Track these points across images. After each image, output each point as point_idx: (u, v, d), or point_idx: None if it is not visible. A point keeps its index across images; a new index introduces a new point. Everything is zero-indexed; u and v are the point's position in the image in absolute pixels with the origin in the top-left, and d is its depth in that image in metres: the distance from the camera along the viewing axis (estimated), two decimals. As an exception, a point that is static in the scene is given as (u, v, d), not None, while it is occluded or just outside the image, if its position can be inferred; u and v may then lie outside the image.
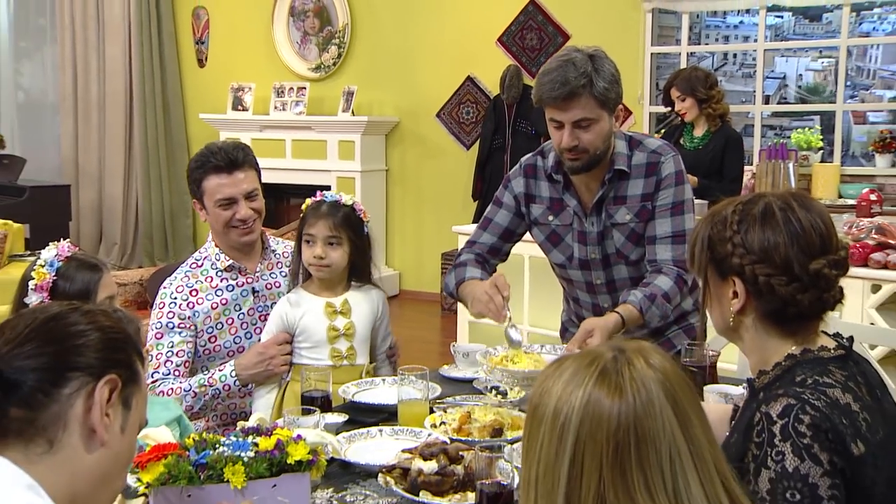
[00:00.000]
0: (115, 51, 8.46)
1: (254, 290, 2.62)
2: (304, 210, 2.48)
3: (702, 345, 2.31)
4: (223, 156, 2.52)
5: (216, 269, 2.59)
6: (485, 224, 2.64)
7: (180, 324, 2.50)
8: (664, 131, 4.97)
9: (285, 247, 2.72)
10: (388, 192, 7.67)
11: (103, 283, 2.07)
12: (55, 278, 2.04)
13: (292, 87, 7.74)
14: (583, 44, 2.43)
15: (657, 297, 2.34)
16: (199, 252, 2.65)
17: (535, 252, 3.01)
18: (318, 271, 2.44)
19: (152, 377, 2.43)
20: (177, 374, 2.47)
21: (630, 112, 6.43)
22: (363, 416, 2.16)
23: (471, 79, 7.20)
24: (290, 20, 7.96)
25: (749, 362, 1.58)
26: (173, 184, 8.49)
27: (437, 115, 7.36)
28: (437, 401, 2.24)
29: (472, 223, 4.13)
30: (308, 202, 2.50)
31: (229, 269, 2.59)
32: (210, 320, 2.54)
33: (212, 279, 2.58)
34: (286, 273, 2.64)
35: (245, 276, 2.62)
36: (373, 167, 7.51)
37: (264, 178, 2.64)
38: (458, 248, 3.52)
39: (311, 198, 2.51)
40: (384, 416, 2.17)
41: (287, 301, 2.47)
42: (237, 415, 2.55)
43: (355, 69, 7.65)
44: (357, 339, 2.47)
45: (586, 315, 2.58)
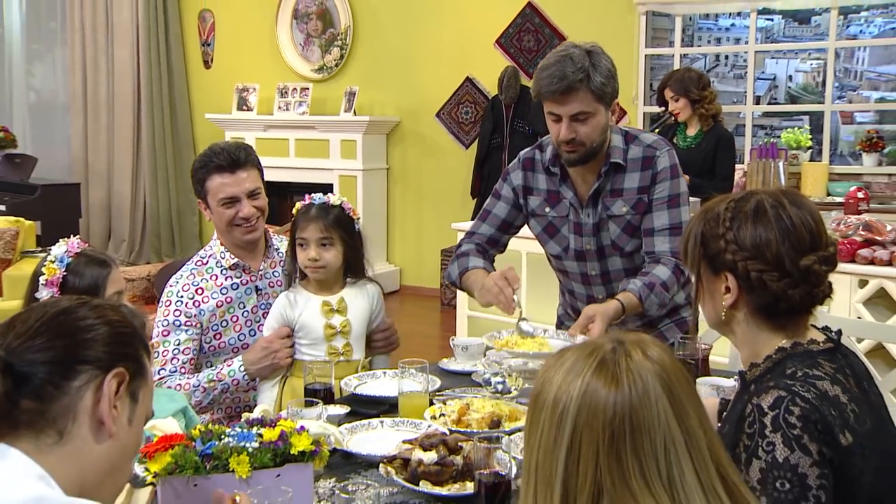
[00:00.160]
0: (124, 53, 8.45)
1: (257, 288, 2.61)
2: (295, 213, 2.47)
3: (694, 338, 2.31)
4: (226, 156, 2.51)
5: (221, 267, 2.58)
6: (484, 216, 2.65)
7: (186, 321, 2.49)
8: (658, 131, 4.96)
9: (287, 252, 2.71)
10: (389, 190, 7.67)
11: (112, 278, 2.07)
12: (65, 274, 2.04)
13: (296, 88, 7.73)
14: (579, 45, 2.42)
15: (656, 286, 2.35)
16: (204, 250, 2.64)
17: (532, 248, 3.02)
18: (314, 273, 2.43)
19: (159, 374, 2.43)
20: (183, 371, 2.47)
21: (625, 112, 6.42)
22: (365, 407, 2.16)
23: (469, 79, 7.19)
24: (293, 23, 7.95)
25: (741, 355, 1.59)
26: (180, 182, 8.48)
27: (437, 114, 7.36)
28: (437, 393, 2.24)
29: (471, 220, 4.13)
30: (298, 206, 2.48)
31: (234, 268, 2.58)
32: (215, 318, 2.54)
33: (216, 277, 2.57)
34: None
35: (249, 274, 2.61)
36: (374, 166, 7.51)
37: (268, 177, 2.63)
38: (456, 245, 3.50)
39: (300, 201, 2.49)
40: (385, 407, 2.17)
41: (286, 298, 2.47)
42: (241, 408, 2.55)
43: (357, 70, 7.64)
44: (353, 335, 2.46)
45: (581, 307, 2.57)
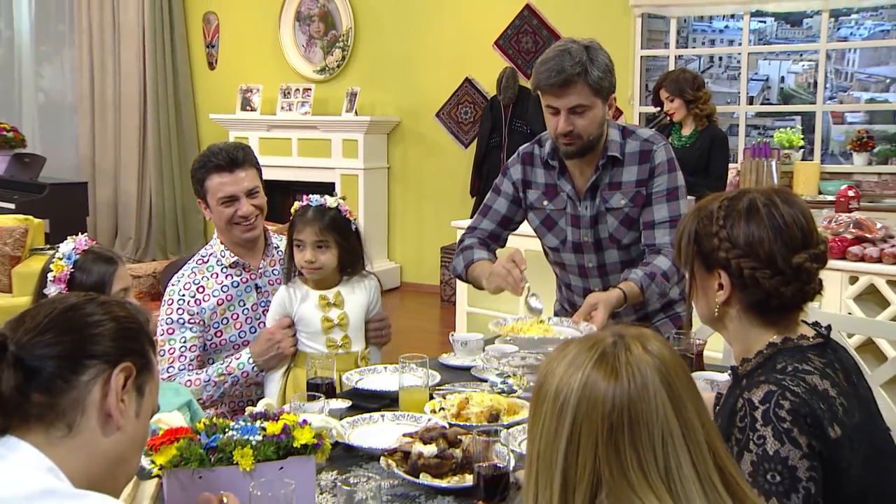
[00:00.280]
0: (130, 54, 8.45)
1: (257, 286, 2.61)
2: (293, 214, 2.47)
3: (688, 333, 2.31)
4: (224, 156, 2.51)
5: (221, 265, 2.57)
6: (485, 211, 2.66)
7: (190, 319, 2.49)
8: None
9: (286, 250, 2.70)
10: (389, 189, 7.66)
11: (118, 275, 2.07)
12: (72, 270, 2.04)
13: (298, 89, 7.72)
14: (576, 47, 2.42)
15: (657, 276, 2.36)
16: (204, 249, 2.63)
17: (530, 245, 3.01)
18: (310, 273, 2.43)
19: (168, 372, 2.43)
20: (191, 368, 2.47)
21: (621, 112, 6.40)
22: (366, 402, 2.17)
23: (469, 80, 7.18)
24: (296, 24, 7.94)
25: (733, 351, 1.58)
26: (185, 181, 8.45)
27: (437, 115, 7.35)
28: (437, 387, 2.24)
29: (470, 218, 4.11)
30: (295, 206, 2.48)
31: (234, 266, 2.58)
32: (216, 316, 2.53)
33: (217, 276, 2.56)
34: None
35: (249, 272, 2.60)
36: (375, 165, 7.50)
37: (271, 176, 2.63)
38: (456, 242, 3.50)
39: (297, 202, 2.48)
40: (386, 402, 2.17)
41: (285, 291, 2.47)
42: (245, 402, 2.55)
43: (358, 71, 7.64)
44: (351, 328, 2.46)
45: (578, 301, 2.58)
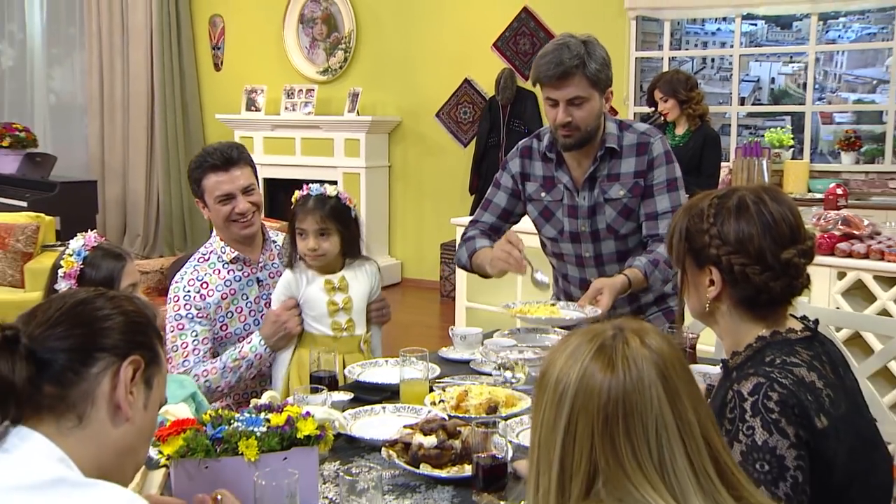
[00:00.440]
0: (138, 56, 8.44)
1: (258, 279, 2.61)
2: (294, 204, 2.48)
3: (681, 327, 2.32)
4: (219, 155, 2.51)
5: (222, 261, 2.57)
6: (486, 205, 2.67)
7: (198, 314, 2.49)
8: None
9: (285, 238, 2.71)
10: (390, 187, 7.66)
11: (127, 271, 2.07)
12: (82, 266, 2.03)
13: (301, 89, 7.71)
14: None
15: (660, 263, 2.36)
16: (204, 247, 2.63)
17: (528, 242, 3.01)
18: (314, 261, 2.45)
19: (183, 366, 2.42)
20: (206, 359, 2.47)
21: (616, 112, 6.41)
22: (368, 394, 2.17)
23: (468, 81, 7.18)
24: (299, 27, 7.93)
25: (723, 345, 1.59)
26: (191, 179, 8.46)
27: (437, 114, 7.35)
28: (437, 380, 2.24)
29: (469, 216, 4.13)
30: (296, 195, 2.49)
31: (234, 261, 2.58)
32: (221, 310, 2.53)
33: (219, 271, 2.56)
34: None
35: (249, 266, 2.60)
36: (376, 164, 7.50)
37: (275, 175, 2.64)
38: (456, 239, 3.50)
39: (298, 191, 2.49)
40: (387, 394, 2.18)
41: (291, 275, 2.47)
42: (250, 394, 2.55)
43: (360, 72, 7.63)
44: (355, 311, 2.48)
45: (574, 292, 2.59)
